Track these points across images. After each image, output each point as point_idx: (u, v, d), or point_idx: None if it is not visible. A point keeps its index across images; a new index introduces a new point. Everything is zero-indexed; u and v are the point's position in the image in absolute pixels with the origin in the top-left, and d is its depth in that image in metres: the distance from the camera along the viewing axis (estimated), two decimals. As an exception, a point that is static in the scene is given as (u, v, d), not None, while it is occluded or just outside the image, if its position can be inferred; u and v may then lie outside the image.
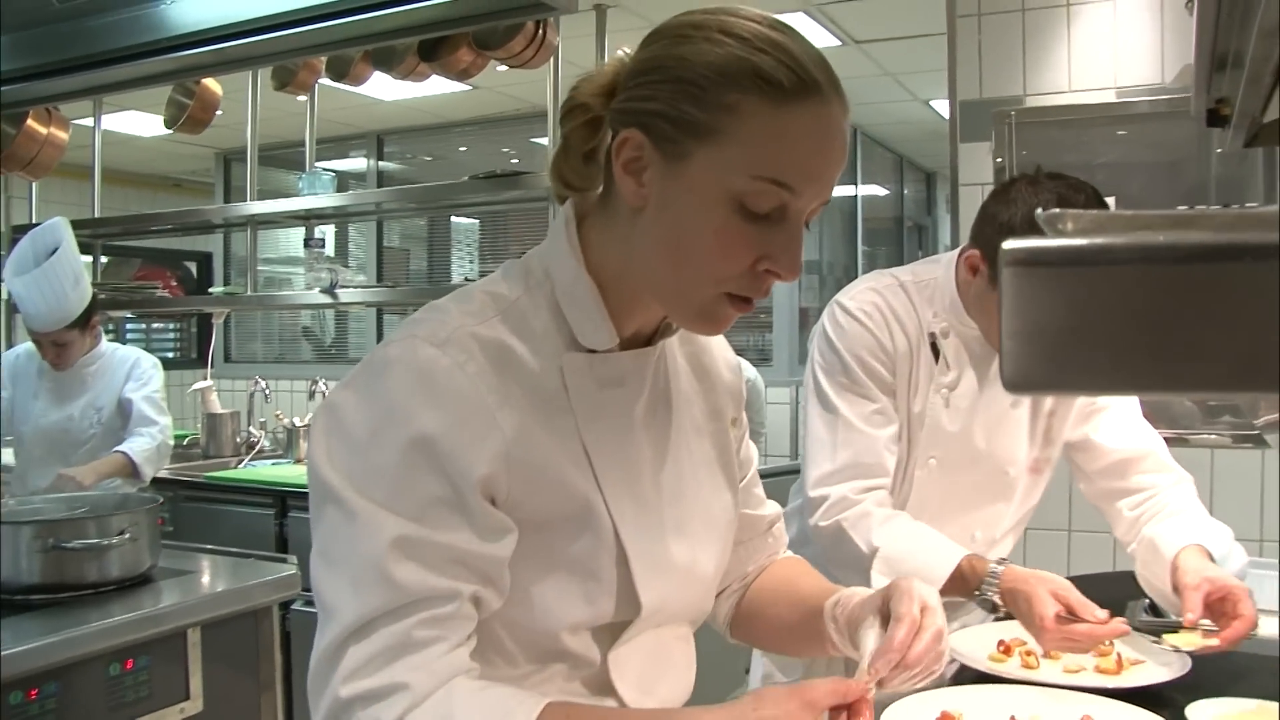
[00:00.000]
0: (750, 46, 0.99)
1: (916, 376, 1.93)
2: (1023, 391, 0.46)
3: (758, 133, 0.98)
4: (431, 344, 1.02)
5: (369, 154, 6.85)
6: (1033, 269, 0.45)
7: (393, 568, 0.96)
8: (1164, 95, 3.48)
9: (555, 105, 3.81)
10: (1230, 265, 0.42)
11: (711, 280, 1.03)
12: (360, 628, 0.96)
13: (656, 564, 1.14)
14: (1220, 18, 1.46)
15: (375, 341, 6.54)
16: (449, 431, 0.99)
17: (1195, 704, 1.58)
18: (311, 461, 1.03)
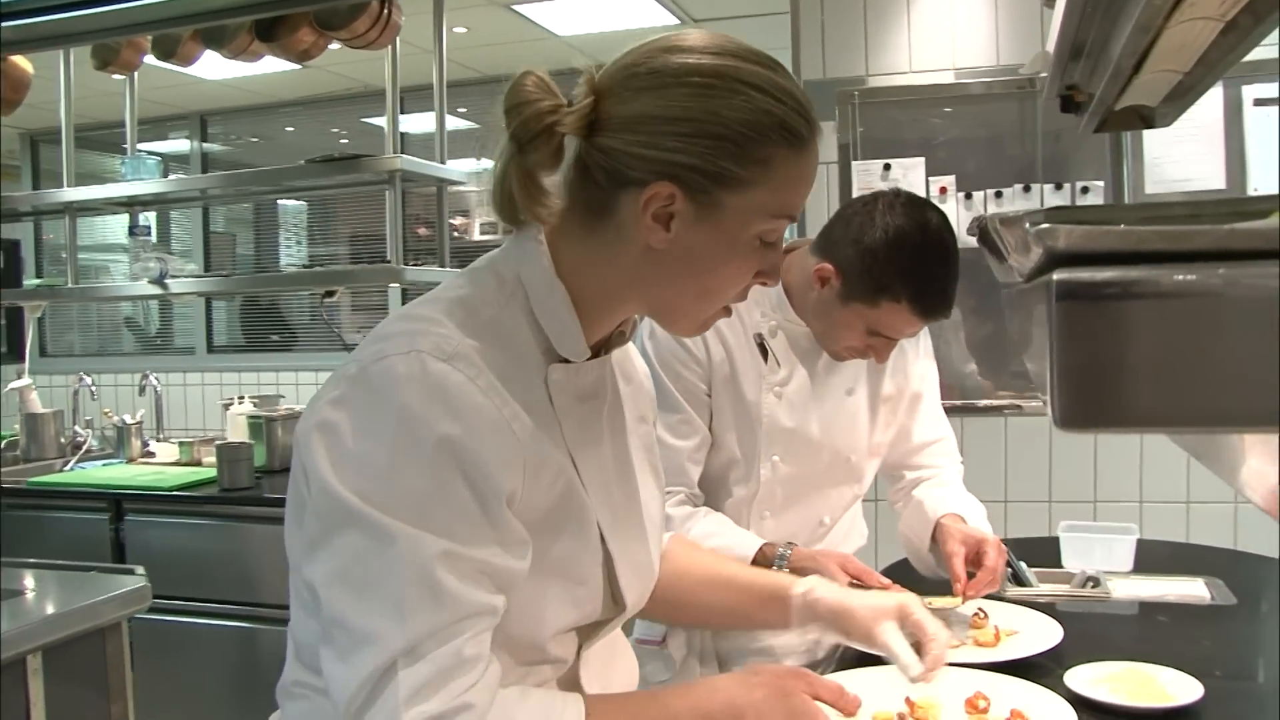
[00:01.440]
0: (773, 99, 1.06)
1: (741, 379, 1.96)
2: (1076, 430, 0.44)
3: (783, 179, 1.08)
4: (439, 358, 1.02)
5: (192, 135, 6.53)
6: (1090, 304, 0.43)
7: (440, 586, 0.98)
8: (999, 77, 3.60)
9: (394, 85, 3.71)
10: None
11: (722, 302, 1.15)
12: (409, 650, 0.97)
13: (632, 564, 1.22)
14: (1085, 8, 1.49)
15: (205, 330, 6.26)
16: (472, 442, 1.01)
17: (1072, 670, 1.64)
18: (319, 484, 1.01)
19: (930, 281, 1.83)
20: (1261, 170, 3.37)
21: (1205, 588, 2.15)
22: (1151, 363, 0.42)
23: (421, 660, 0.97)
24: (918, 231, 1.82)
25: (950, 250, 1.84)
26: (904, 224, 1.81)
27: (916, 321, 1.86)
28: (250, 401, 4.27)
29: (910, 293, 1.81)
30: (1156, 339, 0.42)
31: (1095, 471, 3.53)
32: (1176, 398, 0.43)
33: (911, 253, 1.81)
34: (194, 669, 3.64)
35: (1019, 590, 2.15)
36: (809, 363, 2.01)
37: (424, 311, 1.09)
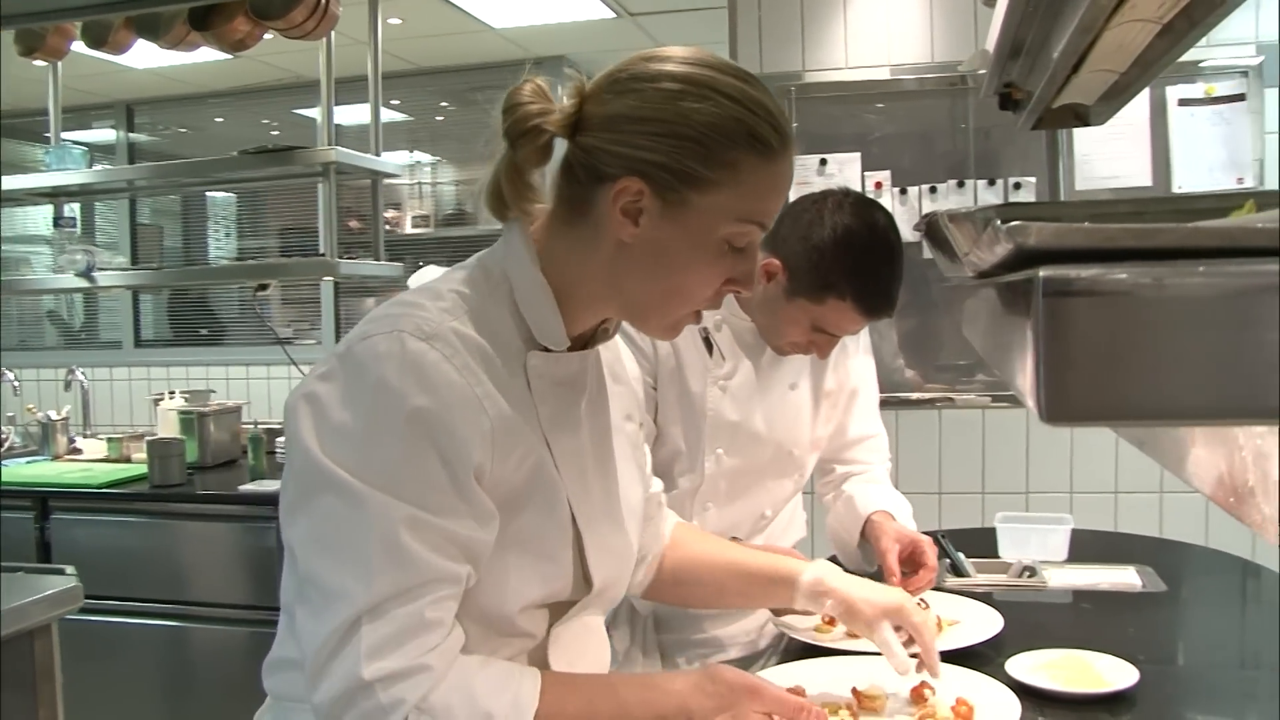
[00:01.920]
0: (743, 107, 1.12)
1: (687, 372, 1.98)
2: (1063, 423, 0.45)
3: (750, 185, 1.13)
4: (419, 337, 1.09)
5: (117, 125, 6.38)
6: (1077, 300, 0.44)
7: (405, 549, 1.04)
8: (934, 74, 3.65)
9: (329, 76, 3.66)
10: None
11: (690, 304, 1.19)
12: (373, 608, 1.03)
13: (605, 547, 1.27)
14: (1026, 9, 1.52)
15: (132, 323, 6.14)
16: (444, 415, 1.07)
17: (1013, 659, 1.67)
18: (301, 452, 1.08)
19: (875, 281, 1.86)
20: (1185, 168, 3.46)
21: (1137, 575, 2.21)
22: (1134, 358, 0.44)
23: (384, 619, 1.03)
24: (865, 231, 1.85)
25: (896, 251, 1.88)
26: (852, 223, 1.84)
27: (860, 319, 1.89)
28: (181, 396, 4.19)
29: (855, 291, 1.84)
30: (1139, 334, 0.43)
31: (1027, 463, 3.60)
32: (1158, 392, 0.44)
33: (858, 252, 1.84)
34: (124, 670, 3.57)
35: (958, 580, 2.19)
36: (754, 357, 2.02)
37: (412, 298, 1.16)
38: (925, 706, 1.50)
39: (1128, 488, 3.53)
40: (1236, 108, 3.44)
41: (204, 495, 3.56)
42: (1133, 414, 0.45)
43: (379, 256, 3.94)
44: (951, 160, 3.69)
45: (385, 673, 1.02)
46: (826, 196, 1.90)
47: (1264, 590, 2.35)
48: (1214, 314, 0.44)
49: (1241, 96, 3.43)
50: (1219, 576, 2.46)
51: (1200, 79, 3.45)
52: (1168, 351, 0.44)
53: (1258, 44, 3.43)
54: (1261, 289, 0.44)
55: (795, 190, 3.92)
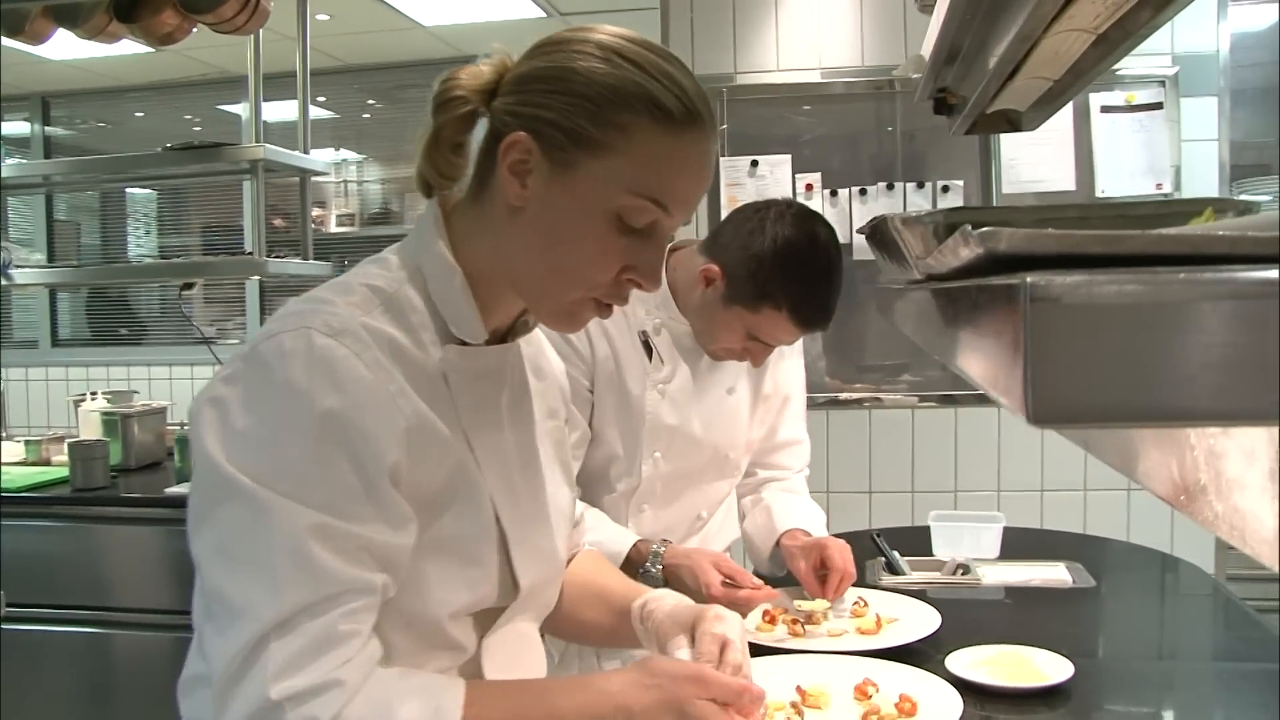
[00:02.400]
0: (646, 74, 1.07)
1: (626, 376, 1.98)
2: (1049, 425, 0.47)
3: (644, 154, 1.07)
4: (326, 334, 1.03)
5: (32, 118, 6.22)
6: (1061, 307, 0.46)
7: (314, 559, 0.98)
8: (863, 78, 3.69)
9: (256, 71, 3.61)
10: (1255, 304, 0.44)
11: (581, 285, 1.11)
12: (282, 623, 0.96)
13: (531, 549, 1.21)
14: (965, 16, 1.55)
15: (49, 322, 5.99)
16: (355, 420, 1.01)
17: (952, 655, 1.70)
18: (204, 459, 1.02)
19: (812, 293, 1.86)
20: (1107, 174, 3.55)
21: (1066, 571, 2.26)
22: (1115, 361, 0.45)
23: (293, 634, 0.97)
24: (806, 243, 1.85)
25: (835, 264, 1.88)
26: (793, 234, 1.84)
27: (795, 331, 1.89)
28: (104, 397, 4.10)
29: (791, 302, 1.84)
30: (1120, 338, 0.45)
31: (956, 462, 3.66)
32: (1140, 394, 0.46)
33: (797, 264, 1.84)
34: (48, 678, 3.48)
35: (893, 578, 2.22)
36: (692, 361, 2.03)
37: (321, 294, 1.11)
38: (869, 704, 1.52)
39: (1053, 485, 3.61)
40: (1155, 116, 3.54)
41: (129, 499, 3.48)
42: (1116, 416, 0.47)
43: (307, 255, 3.89)
44: (880, 163, 3.74)
45: (294, 691, 0.95)
46: (770, 206, 1.91)
47: (1184, 583, 2.42)
48: (1191, 319, 0.45)
49: (1160, 105, 3.53)
50: (1142, 571, 2.53)
51: (1120, 87, 3.54)
52: (1148, 355, 0.46)
53: (1174, 55, 3.53)
54: (1238, 295, 0.45)
55: (726, 191, 3.95)
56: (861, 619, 1.89)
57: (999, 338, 0.53)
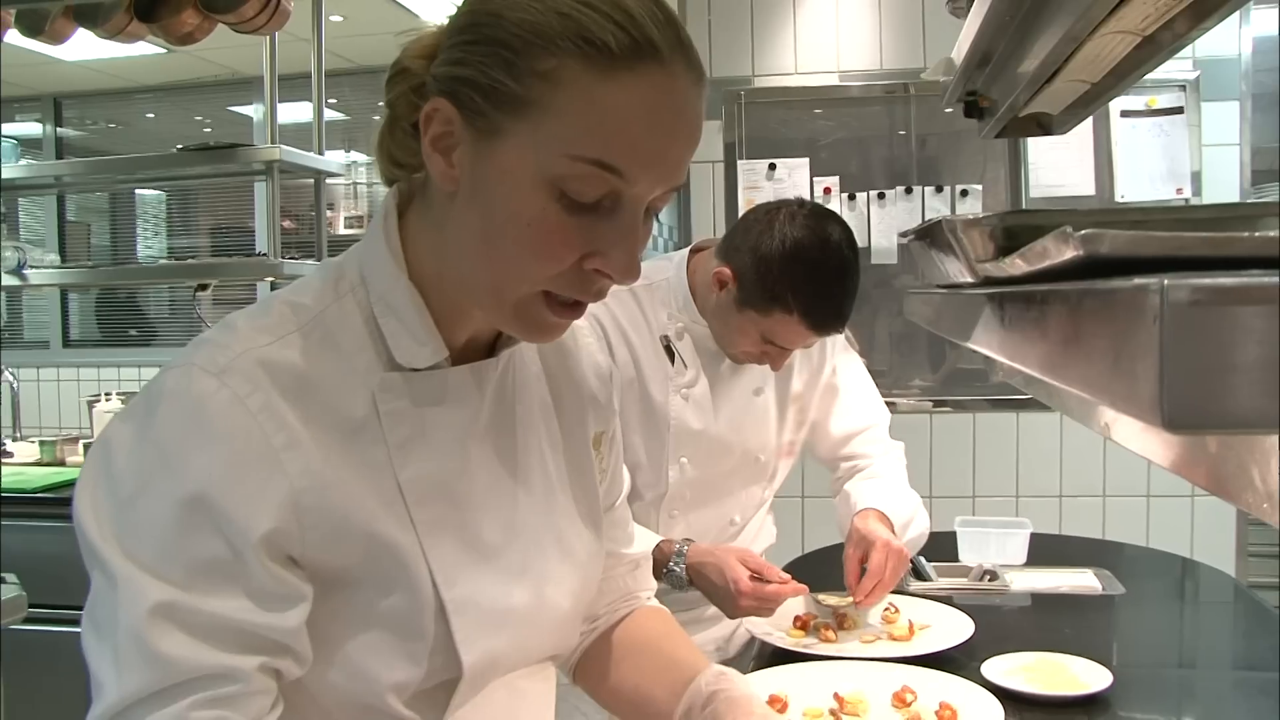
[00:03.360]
0: (575, 4, 0.84)
1: (648, 382, 1.96)
2: (1184, 431, 0.45)
3: (577, 105, 0.84)
4: (210, 372, 0.87)
5: (44, 119, 6.22)
6: (1200, 309, 0.44)
7: (156, 642, 0.82)
8: (882, 80, 3.68)
9: (272, 72, 3.60)
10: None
11: (528, 279, 0.89)
12: (123, 711, 0.83)
13: (485, 617, 0.98)
14: (1004, 19, 1.54)
15: (60, 323, 5.99)
16: (224, 482, 0.85)
17: (988, 662, 1.69)
18: (76, 513, 0.88)
19: (825, 296, 1.81)
20: (1127, 178, 3.53)
21: (1095, 578, 2.24)
22: (1251, 365, 0.44)
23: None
24: (816, 245, 1.79)
25: (848, 265, 1.82)
26: (803, 236, 1.79)
27: (808, 334, 1.84)
28: (118, 398, 4.09)
29: (803, 306, 1.79)
30: (1256, 342, 0.44)
31: (974, 467, 3.65)
32: (1274, 399, 0.44)
33: (807, 266, 1.78)
34: (64, 680, 3.46)
35: (920, 584, 2.21)
36: (716, 364, 2.00)
37: (233, 319, 0.94)
38: (908, 711, 1.51)
39: (1072, 491, 3.60)
40: (1175, 120, 3.52)
41: (143, 500, 3.47)
42: (1251, 421, 0.46)
43: (321, 257, 3.89)
44: (898, 167, 3.73)
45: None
46: (781, 207, 1.85)
47: (1210, 590, 2.40)
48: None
49: (1180, 109, 3.52)
50: (1166, 577, 2.51)
51: (1140, 91, 3.53)
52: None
53: (1195, 59, 3.52)
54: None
55: (743, 194, 3.94)
56: (894, 625, 1.87)
57: (1122, 343, 0.51)
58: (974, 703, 1.52)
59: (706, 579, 1.83)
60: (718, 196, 3.74)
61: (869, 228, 3.64)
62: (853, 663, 1.72)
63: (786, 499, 3.62)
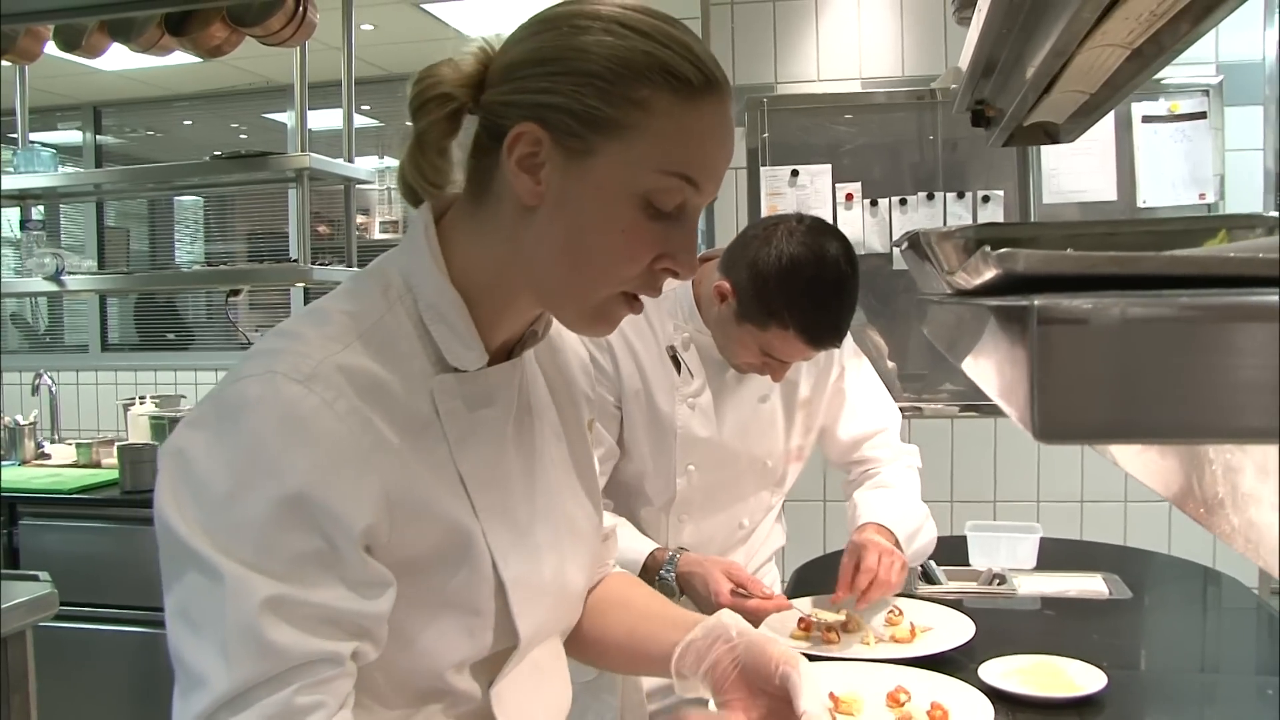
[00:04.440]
0: (654, 41, 0.97)
1: (654, 391, 1.99)
2: (1055, 441, 0.49)
3: (668, 129, 0.97)
4: (295, 380, 0.93)
5: (84, 127, 6.34)
6: (1068, 328, 0.48)
7: (267, 633, 0.90)
8: (904, 88, 3.70)
9: (302, 81, 3.66)
10: (1255, 326, 0.46)
11: (613, 281, 1.01)
12: (235, 699, 0.89)
13: (532, 590, 1.10)
14: (1001, 30, 1.56)
15: (99, 327, 6.10)
16: (323, 482, 0.92)
17: (985, 664, 1.71)
18: (161, 516, 0.94)
19: (821, 312, 1.82)
20: (1149, 184, 3.53)
21: (1103, 583, 2.25)
22: (1121, 381, 0.47)
23: (246, 710, 0.90)
24: (813, 261, 1.80)
25: (846, 281, 1.83)
26: (800, 252, 1.80)
27: (805, 349, 1.86)
28: (152, 402, 4.18)
29: (799, 322, 1.81)
30: (1123, 359, 0.47)
31: (995, 472, 3.65)
32: (1141, 413, 0.48)
33: (803, 282, 1.80)
34: (97, 677, 3.55)
35: (929, 588, 2.23)
36: (721, 373, 2.02)
37: (294, 327, 1.01)
38: (901, 711, 1.53)
39: (1093, 497, 3.59)
40: (1198, 125, 3.51)
41: (175, 501, 3.54)
42: (1119, 434, 0.49)
43: (352, 263, 3.95)
44: (921, 172, 3.74)
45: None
46: (780, 222, 1.86)
47: (1225, 596, 2.40)
48: (1191, 340, 0.47)
49: (1203, 114, 3.51)
50: (1182, 583, 2.52)
51: (1164, 96, 3.53)
52: (1150, 375, 0.47)
53: (1218, 64, 3.51)
54: (1236, 317, 0.47)
55: (766, 201, 3.97)
56: (896, 627, 1.90)
57: (1011, 355, 0.55)
58: (966, 703, 1.55)
59: (694, 589, 1.88)
60: (741, 203, 3.77)
61: (890, 233, 3.66)
62: (851, 664, 1.75)
63: (806, 503, 3.65)
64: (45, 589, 2.43)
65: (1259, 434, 0.48)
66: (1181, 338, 0.48)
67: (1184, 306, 0.48)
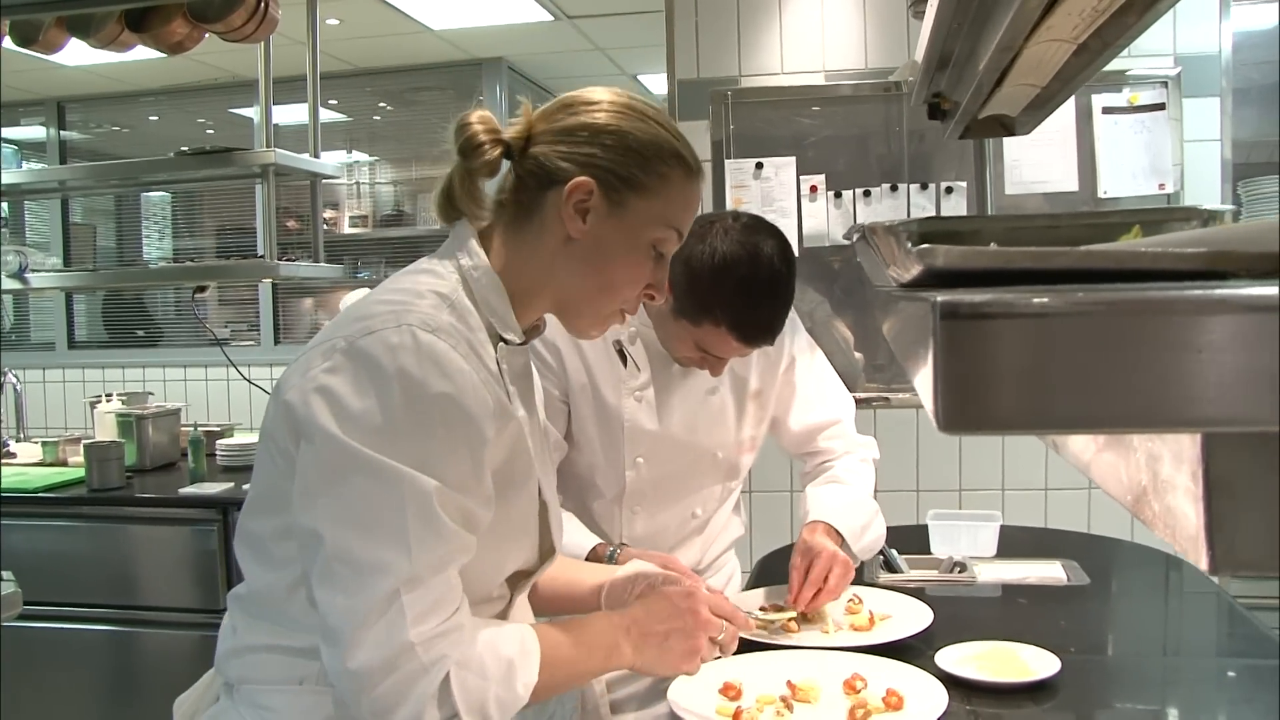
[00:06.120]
0: (669, 133, 1.34)
1: (600, 385, 2.00)
2: (957, 432, 0.50)
3: (676, 196, 1.34)
4: (427, 330, 1.20)
5: (48, 122, 6.29)
6: (967, 322, 0.49)
7: (440, 521, 1.16)
8: (867, 80, 3.72)
9: (266, 76, 3.65)
10: (1148, 318, 0.48)
11: (619, 301, 1.36)
12: (414, 578, 1.15)
13: (558, 519, 1.45)
14: (952, 25, 1.58)
15: (65, 324, 6.06)
16: (463, 399, 1.19)
17: (942, 651, 1.73)
18: (324, 437, 1.16)
19: (753, 310, 1.84)
20: (1110, 174, 3.56)
21: (1062, 570, 2.29)
22: (1020, 373, 0.49)
23: (423, 587, 1.15)
24: (746, 260, 1.82)
25: (780, 280, 1.85)
26: (733, 250, 1.82)
27: (738, 346, 1.87)
28: (119, 399, 4.16)
29: (731, 320, 1.82)
30: (1023, 353, 0.48)
31: (960, 462, 3.69)
32: (1040, 404, 0.49)
33: (736, 280, 1.81)
34: (65, 676, 3.54)
35: (891, 576, 2.25)
36: (668, 365, 2.03)
37: (399, 298, 1.25)
38: (857, 698, 1.56)
39: (1056, 484, 3.63)
40: (1157, 116, 3.55)
41: (144, 499, 3.54)
42: (1019, 425, 0.50)
43: (318, 258, 3.94)
44: (886, 164, 3.77)
45: (428, 635, 1.14)
46: (716, 220, 1.87)
47: (1184, 582, 2.44)
48: (1087, 334, 0.49)
49: (1162, 106, 3.54)
50: (1141, 570, 2.55)
51: (1126, 87, 3.56)
52: (1048, 369, 0.49)
53: (1176, 56, 3.55)
54: (1130, 312, 0.49)
55: (731, 194, 3.97)
56: (855, 616, 1.92)
57: (922, 348, 0.56)
58: (921, 689, 1.57)
59: None
60: (705, 196, 3.78)
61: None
62: (810, 652, 1.77)
63: (772, 493, 3.68)
64: (9, 588, 2.42)
65: (1154, 423, 0.50)
66: (1078, 331, 0.50)
67: (1079, 301, 0.50)
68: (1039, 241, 1.03)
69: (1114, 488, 0.75)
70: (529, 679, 1.23)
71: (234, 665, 1.34)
